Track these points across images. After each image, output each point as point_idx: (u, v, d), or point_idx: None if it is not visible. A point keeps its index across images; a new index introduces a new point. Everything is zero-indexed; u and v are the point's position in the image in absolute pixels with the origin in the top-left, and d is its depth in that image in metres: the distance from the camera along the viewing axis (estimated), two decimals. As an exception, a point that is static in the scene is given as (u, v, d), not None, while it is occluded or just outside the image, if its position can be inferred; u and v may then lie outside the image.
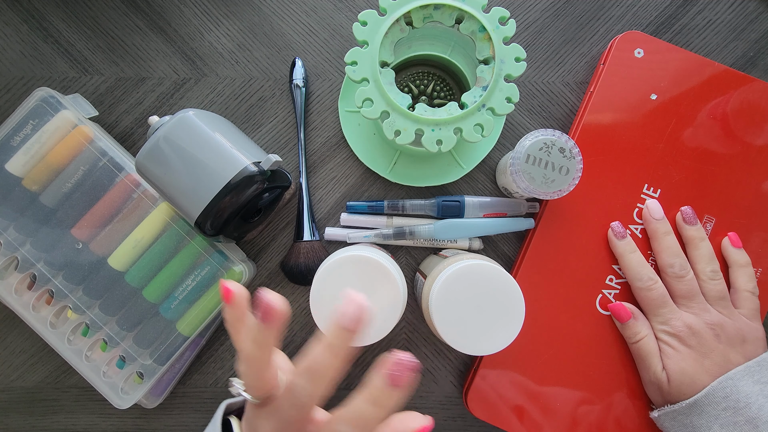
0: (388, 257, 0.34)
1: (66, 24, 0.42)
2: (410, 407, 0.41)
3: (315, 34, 0.42)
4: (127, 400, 0.37)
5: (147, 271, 0.37)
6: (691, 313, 0.36)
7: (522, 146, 0.34)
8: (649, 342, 0.36)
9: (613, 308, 0.38)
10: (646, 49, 0.39)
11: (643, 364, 0.37)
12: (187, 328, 0.38)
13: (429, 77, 0.41)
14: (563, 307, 0.39)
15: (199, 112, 0.34)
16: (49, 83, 0.42)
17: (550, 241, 0.39)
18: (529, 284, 0.38)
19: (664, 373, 0.35)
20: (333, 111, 0.42)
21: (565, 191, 0.34)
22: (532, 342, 0.38)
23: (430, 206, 0.40)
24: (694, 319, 0.36)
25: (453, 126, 0.30)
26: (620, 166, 0.39)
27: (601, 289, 0.39)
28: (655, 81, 0.39)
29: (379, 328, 0.30)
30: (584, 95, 0.41)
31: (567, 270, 0.39)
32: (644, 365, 0.37)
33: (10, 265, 0.38)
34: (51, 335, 0.38)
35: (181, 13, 0.42)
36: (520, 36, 0.42)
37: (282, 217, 0.42)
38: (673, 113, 0.39)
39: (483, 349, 0.30)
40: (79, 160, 0.37)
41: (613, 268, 0.39)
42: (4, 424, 0.41)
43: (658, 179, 0.39)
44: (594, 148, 0.39)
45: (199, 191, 0.33)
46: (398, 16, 0.30)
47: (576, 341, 0.38)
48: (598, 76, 0.40)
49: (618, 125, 0.39)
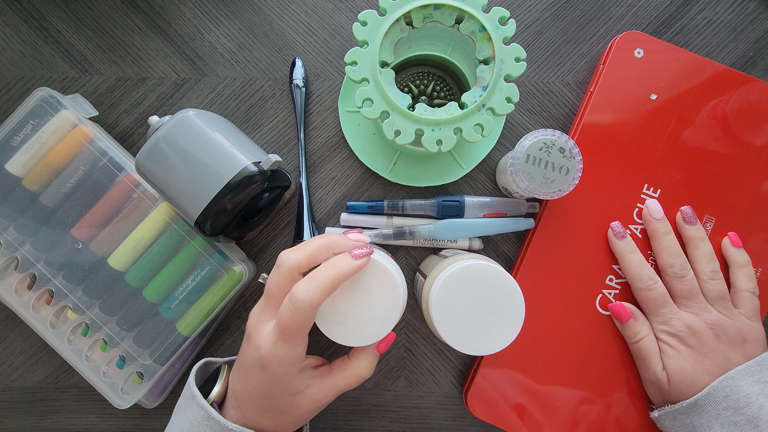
0: (388, 257, 0.34)
1: (66, 24, 0.42)
2: (410, 407, 0.41)
3: (315, 34, 0.42)
4: (127, 400, 0.37)
5: (147, 271, 0.37)
6: (691, 313, 0.36)
7: (522, 146, 0.34)
8: (649, 342, 0.36)
9: (613, 308, 0.38)
10: (646, 49, 0.39)
11: (643, 364, 0.37)
12: (187, 328, 0.38)
13: (429, 77, 0.41)
14: (563, 306, 0.39)
15: (199, 112, 0.34)
16: (49, 83, 0.42)
17: (550, 241, 0.39)
18: (529, 284, 0.38)
19: (664, 373, 0.35)
20: (333, 111, 0.42)
21: (565, 191, 0.34)
22: (533, 342, 0.38)
23: (430, 206, 0.40)
24: (694, 319, 0.36)
25: (453, 126, 0.30)
26: (620, 166, 0.39)
27: (601, 289, 0.39)
28: (655, 81, 0.39)
29: (378, 329, 0.30)
30: (584, 95, 0.41)
31: (567, 270, 0.39)
32: (644, 365, 0.37)
33: (10, 265, 0.38)
34: (51, 335, 0.38)
35: (181, 13, 0.42)
36: (520, 36, 0.42)
37: (282, 217, 0.42)
38: (673, 113, 0.39)
39: (483, 349, 0.30)
40: (79, 160, 0.37)
41: (613, 268, 0.39)
42: (4, 424, 0.41)
43: (658, 179, 0.39)
44: (594, 148, 0.39)
45: (199, 191, 0.33)
46: (398, 16, 0.30)
47: (576, 341, 0.38)
48: (598, 76, 0.40)
49: (618, 125, 0.39)
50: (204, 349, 0.41)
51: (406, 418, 0.41)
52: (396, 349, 0.41)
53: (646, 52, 0.39)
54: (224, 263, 0.37)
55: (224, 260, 0.37)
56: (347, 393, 0.41)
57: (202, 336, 0.40)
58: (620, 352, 0.38)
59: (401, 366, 0.41)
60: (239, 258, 0.39)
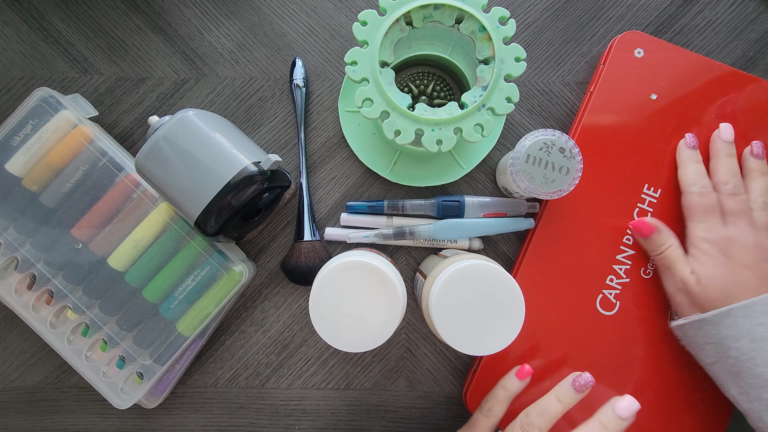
0: (387, 262, 0.34)
1: (66, 24, 0.42)
2: (410, 407, 0.41)
3: (315, 34, 0.42)
4: (127, 400, 0.37)
5: (147, 271, 0.37)
6: (738, 229, 0.35)
7: (522, 146, 0.34)
8: (675, 249, 0.36)
9: (634, 225, 0.38)
10: (647, 49, 0.39)
11: (667, 273, 0.36)
12: (187, 328, 0.38)
13: (429, 77, 0.41)
14: (564, 306, 0.39)
15: (199, 112, 0.34)
16: (49, 83, 0.42)
17: (550, 240, 0.39)
18: (529, 284, 0.38)
19: (693, 276, 0.35)
20: (333, 111, 0.42)
21: (565, 191, 0.34)
22: (534, 342, 0.38)
23: (430, 206, 0.40)
24: (739, 233, 0.35)
25: (453, 126, 0.30)
26: (621, 166, 0.39)
27: (602, 290, 0.39)
28: (656, 81, 0.39)
29: (378, 334, 0.30)
30: (584, 95, 0.41)
31: (567, 270, 0.39)
32: (669, 273, 0.36)
33: (10, 265, 0.38)
34: (51, 335, 0.38)
35: (181, 13, 0.42)
36: (520, 36, 0.42)
37: (282, 217, 0.42)
38: (673, 113, 0.39)
39: (483, 349, 0.30)
40: (79, 160, 0.37)
41: (614, 269, 0.39)
42: (4, 424, 0.41)
43: (659, 179, 0.39)
44: (594, 147, 0.39)
45: (199, 191, 0.33)
46: (398, 16, 0.30)
47: (577, 341, 0.38)
48: (598, 76, 0.40)
49: (618, 125, 0.39)
50: (204, 349, 0.41)
51: (406, 418, 0.41)
52: (396, 349, 0.41)
53: (646, 51, 0.39)
54: (224, 263, 0.37)
55: (224, 260, 0.37)
56: (347, 393, 0.41)
57: (202, 336, 0.40)
58: (622, 351, 0.38)
59: (401, 366, 0.41)
60: (239, 258, 0.39)
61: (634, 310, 0.39)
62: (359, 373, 0.41)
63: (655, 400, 0.38)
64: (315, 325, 0.30)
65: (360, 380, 0.41)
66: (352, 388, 0.41)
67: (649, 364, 0.39)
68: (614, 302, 0.38)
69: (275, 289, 0.41)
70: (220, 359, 0.41)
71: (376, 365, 0.41)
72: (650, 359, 0.39)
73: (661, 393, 0.38)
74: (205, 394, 0.41)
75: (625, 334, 0.39)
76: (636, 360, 0.39)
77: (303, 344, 0.41)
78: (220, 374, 0.41)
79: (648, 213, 0.39)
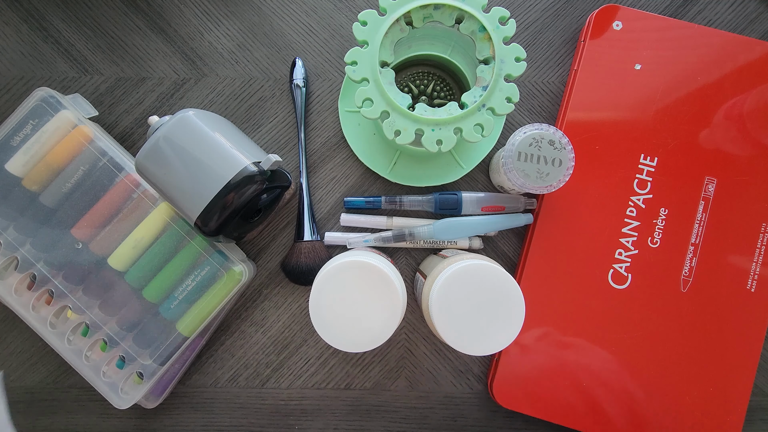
0: (387, 262, 0.34)
1: (66, 24, 0.42)
2: (410, 407, 0.41)
3: (315, 34, 0.42)
4: (127, 400, 0.37)
5: (147, 271, 0.37)
6: None
7: (512, 144, 0.34)
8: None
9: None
10: (625, 20, 0.40)
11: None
12: (187, 328, 0.38)
13: (429, 77, 0.41)
14: (578, 287, 0.39)
15: (199, 112, 0.34)
16: (49, 83, 0.42)
17: (553, 226, 0.39)
18: (539, 273, 0.39)
19: None
20: (333, 111, 0.42)
21: (561, 182, 0.34)
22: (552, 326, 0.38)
23: (428, 201, 0.40)
24: None
25: (453, 126, 0.30)
26: (614, 141, 0.39)
27: (612, 264, 0.39)
28: (638, 51, 0.40)
29: (378, 334, 0.30)
30: (569, 75, 0.42)
31: (575, 251, 0.39)
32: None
33: (10, 265, 0.38)
34: (51, 335, 0.38)
35: (181, 13, 0.42)
36: (520, 36, 0.42)
37: (282, 217, 0.42)
38: (659, 79, 0.39)
39: (483, 349, 0.30)
40: (79, 160, 0.37)
41: (621, 242, 0.39)
42: (4, 424, 0.41)
43: (654, 148, 0.39)
44: (585, 126, 0.39)
45: (199, 191, 0.33)
46: (398, 16, 0.30)
47: (596, 320, 0.38)
48: (580, 55, 0.40)
49: (606, 99, 0.39)
50: (204, 349, 0.41)
51: (406, 418, 0.41)
52: (396, 349, 0.41)
53: (625, 22, 0.40)
54: (224, 263, 0.37)
55: (224, 260, 0.37)
56: (347, 393, 0.41)
57: (202, 336, 0.40)
58: (639, 325, 0.38)
59: (401, 366, 0.41)
60: (239, 258, 0.39)
61: (647, 281, 0.39)
62: (359, 373, 0.41)
63: (678, 365, 0.38)
64: (315, 325, 0.30)
65: (360, 380, 0.41)
66: (352, 388, 0.41)
67: (669, 332, 0.38)
68: (626, 275, 0.38)
69: (275, 289, 0.41)
70: (220, 359, 0.41)
71: (376, 365, 0.41)
72: (669, 327, 0.38)
73: (685, 357, 0.38)
74: (205, 394, 0.41)
75: (641, 306, 0.38)
76: (655, 331, 0.38)
77: (303, 344, 0.41)
78: (220, 374, 0.41)
79: (648, 182, 0.39)
